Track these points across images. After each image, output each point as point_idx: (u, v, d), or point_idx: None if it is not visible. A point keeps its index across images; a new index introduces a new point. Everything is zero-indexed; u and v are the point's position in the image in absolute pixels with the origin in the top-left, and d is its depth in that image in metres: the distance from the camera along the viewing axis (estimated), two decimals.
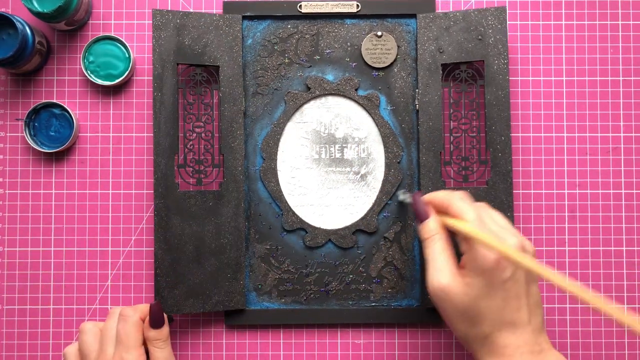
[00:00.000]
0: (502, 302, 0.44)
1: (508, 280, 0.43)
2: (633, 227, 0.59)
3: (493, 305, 0.43)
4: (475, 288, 0.44)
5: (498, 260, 0.43)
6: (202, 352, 0.58)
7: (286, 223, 0.58)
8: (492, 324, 0.44)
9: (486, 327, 0.44)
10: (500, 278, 0.43)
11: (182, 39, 0.56)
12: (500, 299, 0.43)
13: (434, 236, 0.47)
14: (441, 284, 0.45)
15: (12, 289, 0.58)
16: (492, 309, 0.43)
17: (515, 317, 0.44)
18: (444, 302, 0.45)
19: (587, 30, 0.60)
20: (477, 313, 0.44)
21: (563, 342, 0.58)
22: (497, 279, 0.43)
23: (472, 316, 0.44)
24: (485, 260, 0.43)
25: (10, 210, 0.58)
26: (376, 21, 0.59)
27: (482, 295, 0.43)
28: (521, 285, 0.44)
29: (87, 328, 0.51)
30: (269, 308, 0.58)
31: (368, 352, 0.58)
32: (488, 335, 0.44)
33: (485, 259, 0.43)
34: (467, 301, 0.44)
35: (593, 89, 0.60)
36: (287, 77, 0.59)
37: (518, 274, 0.44)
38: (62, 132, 0.58)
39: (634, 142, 0.59)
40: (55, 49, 0.59)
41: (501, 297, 0.43)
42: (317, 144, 0.59)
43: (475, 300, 0.44)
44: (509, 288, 0.43)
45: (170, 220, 0.55)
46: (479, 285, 0.43)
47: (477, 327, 0.44)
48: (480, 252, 0.44)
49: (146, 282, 0.58)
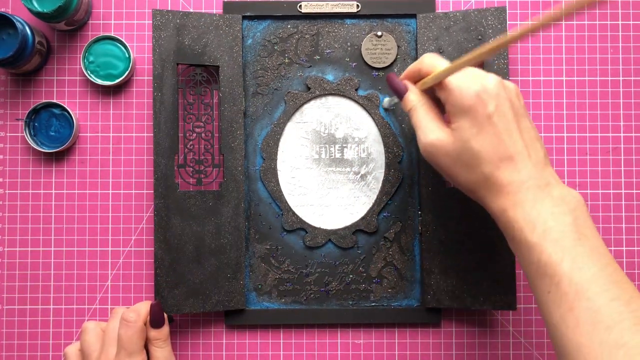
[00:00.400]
0: (494, 138, 0.43)
1: (493, 115, 0.43)
2: (633, 227, 0.59)
3: (485, 143, 0.43)
4: (463, 130, 0.43)
5: (478, 94, 0.43)
6: (202, 352, 0.58)
7: (286, 223, 0.58)
8: (489, 162, 0.43)
9: (485, 168, 0.43)
10: (484, 113, 0.43)
11: (182, 39, 0.56)
12: (490, 136, 0.43)
13: (416, 105, 0.47)
14: (430, 138, 0.45)
15: (12, 289, 0.58)
16: (486, 147, 0.43)
17: (511, 151, 0.43)
18: (437, 156, 0.45)
19: (587, 30, 0.60)
20: (472, 155, 0.43)
21: None
22: (482, 114, 0.43)
23: (468, 160, 0.44)
24: (465, 98, 0.43)
25: (10, 210, 0.58)
26: (376, 21, 0.59)
27: (472, 135, 0.43)
28: (509, 119, 0.43)
29: (89, 327, 0.51)
30: (269, 308, 0.58)
31: (368, 352, 0.58)
32: (489, 176, 0.43)
33: (465, 96, 0.43)
34: (460, 146, 0.44)
35: (593, 89, 0.60)
36: (287, 77, 0.59)
37: (504, 107, 0.43)
38: (62, 132, 0.58)
39: (634, 142, 0.59)
40: (55, 49, 0.59)
41: (491, 133, 0.43)
42: (317, 144, 0.59)
43: (467, 143, 0.43)
44: (496, 122, 0.43)
45: (170, 220, 0.55)
46: (466, 126, 0.43)
47: (477, 169, 0.43)
48: (458, 93, 0.43)
49: (146, 282, 0.58)
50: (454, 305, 0.56)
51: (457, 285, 0.56)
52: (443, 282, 0.56)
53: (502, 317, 0.58)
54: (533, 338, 0.58)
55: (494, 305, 0.55)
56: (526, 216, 0.41)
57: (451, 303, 0.56)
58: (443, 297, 0.56)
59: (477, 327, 0.58)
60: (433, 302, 0.56)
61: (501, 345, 0.58)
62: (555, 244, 0.39)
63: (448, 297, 0.56)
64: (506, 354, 0.58)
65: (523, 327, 0.58)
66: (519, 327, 0.58)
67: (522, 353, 0.58)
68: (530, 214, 0.41)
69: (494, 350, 0.58)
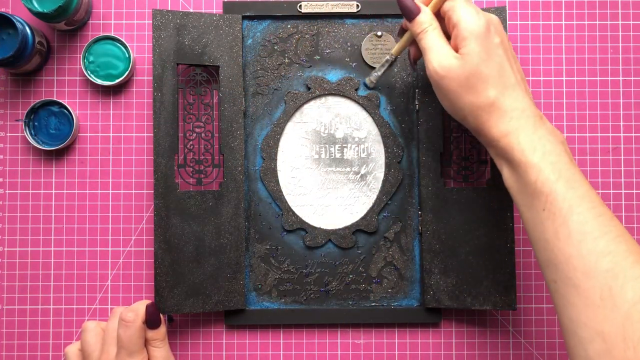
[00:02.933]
0: (499, 65, 0.46)
1: (500, 45, 0.46)
2: (633, 227, 0.59)
3: (492, 68, 0.46)
4: (473, 54, 0.46)
5: (488, 23, 0.46)
6: (202, 352, 0.58)
7: (286, 223, 0.58)
8: (495, 87, 0.46)
9: (491, 92, 0.46)
10: (492, 41, 0.46)
11: (182, 39, 0.56)
12: (497, 64, 0.46)
13: (428, 27, 0.48)
14: (442, 62, 0.47)
15: (12, 289, 0.58)
16: (493, 73, 0.46)
17: (513, 81, 0.46)
18: (446, 79, 0.47)
19: (587, 30, 0.60)
20: (480, 78, 0.46)
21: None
22: (490, 42, 0.46)
23: (476, 83, 0.46)
24: (478, 24, 0.46)
25: (10, 210, 0.58)
26: (376, 21, 0.59)
27: (481, 60, 0.46)
28: (510, 54, 0.47)
29: (89, 327, 0.51)
30: (269, 308, 0.58)
31: (368, 352, 0.58)
32: (494, 101, 0.46)
33: (478, 22, 0.46)
34: (469, 69, 0.46)
35: (593, 89, 0.60)
36: (287, 77, 0.59)
37: (505, 42, 0.47)
38: (62, 129, 0.58)
39: (634, 142, 0.59)
40: (55, 49, 0.59)
41: (497, 61, 0.46)
42: (317, 144, 0.59)
43: (477, 66, 0.46)
44: (501, 53, 0.46)
45: (170, 220, 0.55)
46: (476, 51, 0.46)
47: (483, 93, 0.46)
48: (470, 19, 0.46)
49: (146, 282, 0.58)
50: (454, 305, 0.56)
51: (457, 285, 0.56)
52: (443, 282, 0.56)
53: (502, 317, 0.58)
54: (533, 338, 0.58)
55: (494, 305, 0.55)
56: (528, 139, 0.44)
57: (451, 303, 0.56)
58: (443, 297, 0.56)
59: (477, 327, 0.58)
60: (433, 302, 0.56)
61: (501, 345, 0.58)
62: (552, 166, 0.43)
63: (448, 297, 0.56)
64: (506, 354, 0.58)
65: (523, 327, 0.58)
66: (519, 327, 0.58)
67: (522, 353, 0.58)
68: (532, 138, 0.44)
69: (494, 350, 0.58)
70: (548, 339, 0.58)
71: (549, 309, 0.58)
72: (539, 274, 0.58)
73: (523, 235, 0.59)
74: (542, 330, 0.58)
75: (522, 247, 0.59)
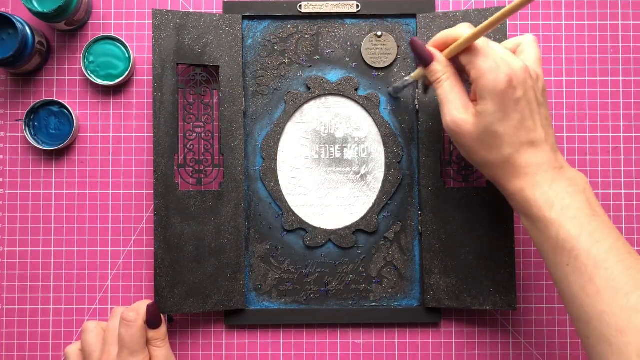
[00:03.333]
0: (518, 123, 0.44)
1: (520, 101, 0.44)
2: (633, 227, 0.59)
3: (509, 127, 0.44)
4: (488, 114, 0.44)
5: (509, 79, 0.44)
6: (202, 352, 0.58)
7: (286, 223, 0.58)
8: (510, 145, 0.44)
9: (505, 150, 0.45)
10: (512, 98, 0.44)
11: (182, 39, 0.56)
12: (515, 121, 0.44)
13: (442, 76, 0.47)
14: (455, 117, 0.46)
15: (12, 289, 0.58)
16: (509, 131, 0.44)
17: (532, 136, 0.45)
18: (461, 135, 0.46)
19: (587, 30, 0.60)
20: (495, 137, 0.45)
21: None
22: (510, 99, 0.44)
23: (490, 141, 0.45)
24: (498, 82, 0.44)
25: (10, 210, 0.58)
26: (376, 21, 0.59)
27: (497, 119, 0.44)
28: (533, 107, 0.45)
29: (90, 327, 0.51)
30: (269, 308, 0.58)
31: (368, 352, 0.58)
32: (508, 158, 0.45)
33: (497, 80, 0.44)
34: (483, 128, 0.45)
35: (593, 89, 0.60)
36: (287, 77, 0.59)
37: (529, 94, 0.45)
38: (62, 129, 0.58)
39: (634, 142, 0.59)
40: (55, 49, 0.59)
41: (516, 118, 0.44)
42: (317, 144, 0.59)
43: (491, 126, 0.44)
44: (522, 109, 0.44)
45: (170, 220, 0.55)
46: (493, 110, 0.44)
47: (497, 150, 0.45)
48: (490, 77, 0.44)
49: (146, 282, 0.58)
50: (454, 305, 0.56)
51: (457, 285, 0.56)
52: (443, 282, 0.56)
53: (502, 317, 0.58)
54: (533, 338, 0.58)
55: (494, 305, 0.55)
56: (544, 195, 0.43)
57: (451, 303, 0.56)
58: (443, 297, 0.56)
59: (477, 327, 0.58)
60: (433, 302, 0.56)
61: (501, 345, 0.58)
62: (572, 220, 0.42)
63: (448, 297, 0.56)
64: (506, 354, 0.58)
65: (523, 327, 0.58)
66: (519, 327, 0.58)
67: (522, 353, 0.58)
68: (548, 193, 0.43)
69: (494, 350, 0.58)
70: (548, 339, 0.58)
71: (549, 309, 0.58)
72: (539, 274, 0.59)
73: (523, 235, 0.59)
74: (542, 330, 0.58)
75: (522, 247, 0.59)
